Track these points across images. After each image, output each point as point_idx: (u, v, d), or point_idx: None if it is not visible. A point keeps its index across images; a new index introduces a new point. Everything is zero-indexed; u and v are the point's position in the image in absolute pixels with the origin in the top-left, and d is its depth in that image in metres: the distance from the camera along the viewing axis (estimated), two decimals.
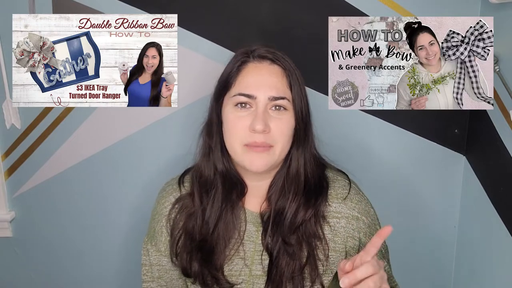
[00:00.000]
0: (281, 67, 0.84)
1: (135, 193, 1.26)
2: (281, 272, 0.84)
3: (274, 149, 0.81)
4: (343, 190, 0.88)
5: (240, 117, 0.81)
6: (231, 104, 0.82)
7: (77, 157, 1.24)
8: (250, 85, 0.81)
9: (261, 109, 0.80)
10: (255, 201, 0.89)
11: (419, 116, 1.21)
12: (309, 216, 0.84)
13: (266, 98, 0.80)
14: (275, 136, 0.81)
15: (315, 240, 0.85)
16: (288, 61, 0.85)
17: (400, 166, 1.26)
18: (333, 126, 1.17)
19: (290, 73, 0.83)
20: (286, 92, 0.82)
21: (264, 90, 0.81)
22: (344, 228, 0.86)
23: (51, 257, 1.32)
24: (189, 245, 0.86)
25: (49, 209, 1.28)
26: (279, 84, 0.82)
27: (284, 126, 0.82)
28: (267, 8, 1.15)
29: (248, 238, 0.87)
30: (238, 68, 0.84)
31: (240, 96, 0.81)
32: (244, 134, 0.80)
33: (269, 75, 0.82)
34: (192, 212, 0.87)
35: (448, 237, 1.30)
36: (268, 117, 0.80)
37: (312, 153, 0.88)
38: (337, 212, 0.87)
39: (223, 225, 0.85)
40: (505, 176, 1.05)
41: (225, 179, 0.86)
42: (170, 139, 1.23)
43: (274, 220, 0.85)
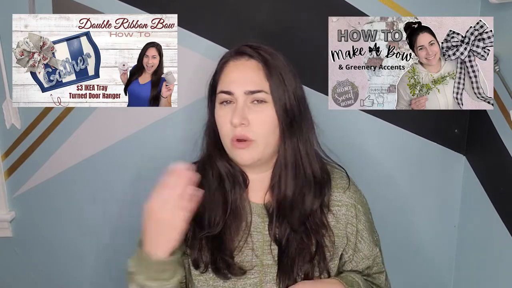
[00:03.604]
0: (257, 61, 0.85)
1: (135, 193, 1.26)
2: (292, 260, 0.86)
3: (257, 142, 0.84)
4: (342, 181, 0.93)
5: (224, 114, 0.85)
6: (218, 103, 0.87)
7: (77, 157, 1.24)
8: (229, 82, 0.85)
9: (240, 104, 0.83)
10: (258, 194, 0.91)
11: (419, 116, 1.21)
12: (316, 208, 0.88)
13: (243, 93, 0.84)
14: (255, 128, 0.83)
15: (322, 229, 0.88)
16: (268, 55, 0.86)
17: (400, 166, 1.26)
18: (333, 126, 1.16)
19: (267, 66, 0.84)
20: (263, 85, 0.84)
21: (240, 85, 0.84)
22: (345, 215, 0.90)
23: (51, 257, 1.32)
24: (199, 235, 0.88)
25: (49, 209, 1.28)
26: (255, 77, 0.84)
27: (265, 118, 0.84)
28: (267, 8, 1.15)
29: (255, 229, 0.90)
30: (221, 67, 0.88)
31: (221, 94, 0.85)
32: (228, 129, 0.84)
33: (246, 70, 0.85)
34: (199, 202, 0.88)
35: (448, 237, 1.30)
36: (248, 111, 0.83)
37: (311, 144, 0.90)
38: (338, 200, 0.91)
39: (231, 214, 0.88)
40: (505, 176, 1.05)
41: (228, 175, 0.90)
42: (170, 139, 1.23)
43: (279, 211, 0.88)
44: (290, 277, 0.86)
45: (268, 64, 0.85)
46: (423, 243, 1.31)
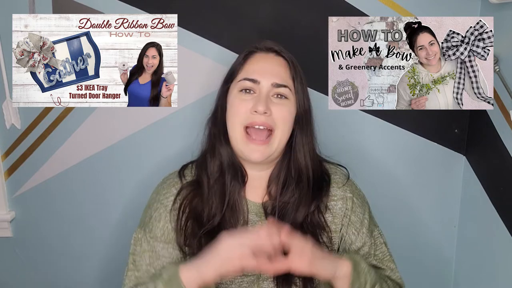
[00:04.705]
0: (285, 59, 0.89)
1: (135, 193, 1.26)
2: None
3: (275, 134, 0.85)
4: (338, 176, 0.94)
5: (243, 100, 0.86)
6: (237, 90, 0.87)
7: (77, 157, 1.24)
8: (255, 71, 0.87)
9: (264, 94, 0.85)
10: (256, 192, 0.91)
11: (419, 116, 1.21)
12: (313, 210, 0.88)
13: (269, 84, 0.86)
14: (276, 119, 0.85)
15: (319, 229, 0.89)
16: (292, 57, 0.90)
17: (400, 166, 1.26)
18: (333, 126, 1.17)
19: (293, 66, 0.89)
20: (288, 82, 0.87)
21: (268, 76, 0.86)
22: (340, 209, 0.91)
23: (51, 257, 1.31)
24: (198, 231, 0.88)
25: (49, 209, 1.28)
26: (282, 73, 0.87)
27: (286, 112, 0.86)
28: (267, 8, 1.15)
29: (253, 227, 0.90)
30: (245, 57, 0.90)
31: (245, 81, 0.86)
32: (246, 115, 0.85)
33: (274, 64, 0.88)
34: (199, 198, 0.89)
35: (448, 237, 1.30)
36: (270, 102, 0.85)
37: (313, 147, 0.92)
38: (334, 195, 0.92)
39: (229, 208, 0.89)
40: (505, 176, 1.05)
41: (229, 166, 0.90)
42: (170, 139, 1.23)
43: (276, 211, 0.88)
44: (288, 275, 0.85)
45: (294, 65, 0.89)
46: (423, 243, 1.31)
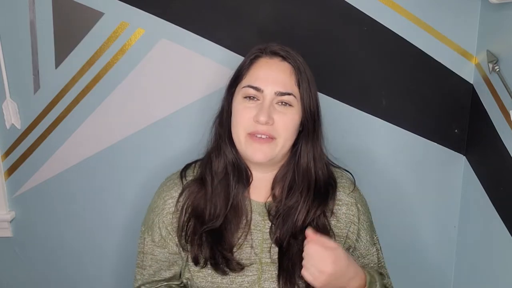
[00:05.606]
0: (291, 65, 0.87)
1: (135, 193, 1.26)
2: (293, 263, 0.87)
3: (277, 141, 0.85)
4: (343, 181, 0.95)
5: (247, 108, 0.85)
6: (241, 96, 0.86)
7: (77, 157, 1.24)
8: (259, 78, 0.85)
9: (267, 102, 0.84)
10: (260, 192, 0.92)
11: (419, 116, 1.21)
12: (319, 214, 0.89)
13: (273, 93, 0.84)
14: (278, 128, 0.84)
15: (323, 233, 0.88)
16: (300, 60, 0.88)
17: (400, 166, 1.26)
18: (332, 126, 1.16)
19: (299, 71, 0.87)
20: (293, 89, 0.86)
21: (271, 84, 0.85)
22: (345, 214, 0.92)
23: (51, 257, 1.31)
24: (200, 230, 0.88)
25: (49, 209, 1.28)
26: (287, 80, 0.86)
27: (288, 121, 0.85)
28: (267, 8, 1.15)
29: (255, 227, 0.90)
30: (250, 61, 0.88)
31: (248, 88, 0.85)
32: (249, 123, 0.84)
33: (278, 71, 0.86)
34: (202, 195, 0.90)
35: (448, 237, 1.30)
36: (273, 110, 0.84)
37: (321, 151, 0.91)
38: (338, 199, 0.92)
39: (232, 209, 0.89)
40: (505, 176, 1.05)
41: (234, 167, 0.90)
42: (170, 139, 1.22)
43: (280, 213, 0.89)
44: (291, 278, 0.86)
45: (300, 70, 0.87)
46: (423, 243, 1.31)
